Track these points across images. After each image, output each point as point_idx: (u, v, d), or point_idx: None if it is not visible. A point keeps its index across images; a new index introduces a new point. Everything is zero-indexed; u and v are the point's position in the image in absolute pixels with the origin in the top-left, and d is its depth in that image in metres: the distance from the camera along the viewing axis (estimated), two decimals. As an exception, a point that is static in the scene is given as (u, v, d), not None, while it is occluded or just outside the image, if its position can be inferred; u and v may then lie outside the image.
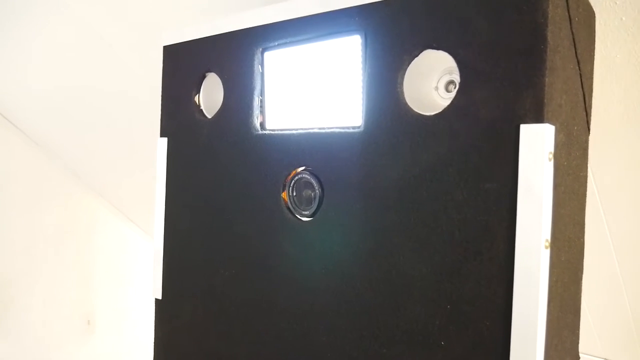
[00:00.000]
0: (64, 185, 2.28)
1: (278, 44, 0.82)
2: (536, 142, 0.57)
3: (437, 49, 0.66)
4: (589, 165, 0.76)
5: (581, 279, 0.75)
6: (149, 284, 0.97)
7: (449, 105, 0.64)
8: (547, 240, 0.58)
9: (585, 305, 1.35)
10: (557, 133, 0.60)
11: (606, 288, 1.30)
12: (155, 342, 1.00)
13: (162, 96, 1.00)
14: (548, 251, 0.58)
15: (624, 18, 0.79)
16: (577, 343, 0.75)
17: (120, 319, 2.55)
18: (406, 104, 0.68)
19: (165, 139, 0.99)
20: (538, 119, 0.58)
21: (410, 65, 0.69)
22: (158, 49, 1.00)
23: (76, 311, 2.37)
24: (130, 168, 2.03)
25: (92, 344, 2.44)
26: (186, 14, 1.29)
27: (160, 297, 0.99)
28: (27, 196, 2.17)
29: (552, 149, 0.58)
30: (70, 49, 1.55)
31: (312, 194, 0.77)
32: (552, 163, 0.58)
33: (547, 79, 0.57)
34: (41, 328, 2.24)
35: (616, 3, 0.78)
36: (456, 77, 0.70)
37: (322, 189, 0.76)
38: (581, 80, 0.69)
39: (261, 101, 0.85)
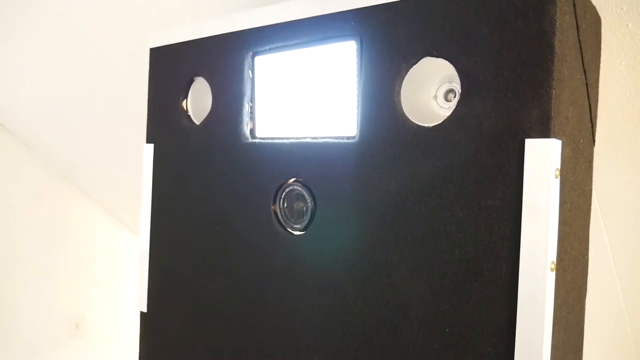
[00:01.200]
0: (55, 189, 2.24)
1: (269, 49, 0.78)
2: (542, 158, 0.54)
3: (437, 56, 0.62)
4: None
5: (585, 297, 0.72)
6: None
7: (449, 117, 0.61)
8: (553, 262, 0.55)
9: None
10: (564, 147, 0.57)
11: (605, 303, 1.28)
12: (139, 358, 0.96)
13: (149, 101, 0.96)
14: (554, 273, 0.55)
15: (630, 24, 0.76)
16: (581, 364, 0.71)
17: (109, 323, 2.50)
18: (403, 114, 0.65)
19: (151, 146, 0.94)
20: (544, 133, 0.54)
21: (408, 73, 0.65)
22: (147, 52, 0.96)
23: (65, 314, 2.33)
24: (122, 171, 1.99)
25: (81, 347, 2.39)
26: (177, 16, 1.25)
27: (145, 310, 0.95)
28: (17, 199, 2.13)
29: (558, 165, 0.55)
30: (60, 52, 1.51)
31: (304, 207, 0.73)
32: (558, 180, 0.55)
33: (554, 91, 0.54)
34: (29, 332, 2.20)
35: (622, 9, 0.75)
36: (456, 86, 0.67)
37: (315, 202, 0.72)
38: (587, 90, 0.66)
39: (251, 108, 0.81)
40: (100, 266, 2.45)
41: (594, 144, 0.71)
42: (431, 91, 0.70)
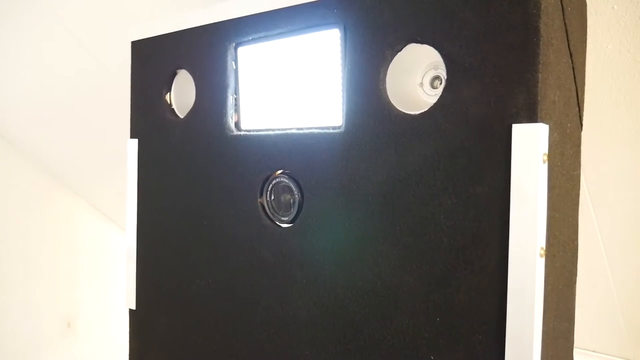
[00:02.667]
0: (42, 187, 2.21)
1: (252, 39, 0.77)
2: (530, 143, 0.53)
3: (422, 42, 0.61)
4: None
5: (575, 282, 0.71)
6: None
7: (435, 104, 0.60)
8: (542, 248, 0.54)
9: (574, 298, 1.33)
10: (551, 132, 0.56)
11: (594, 280, 1.28)
12: (130, 355, 0.95)
13: (132, 95, 0.94)
14: (543, 259, 0.55)
15: (615, 7, 0.75)
16: (572, 350, 0.71)
17: (102, 322, 2.49)
18: (389, 102, 0.64)
19: (135, 141, 0.93)
20: (531, 117, 0.53)
21: (393, 60, 0.64)
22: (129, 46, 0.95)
23: (56, 313, 2.31)
24: (110, 167, 1.96)
25: (73, 347, 2.37)
26: (159, 8, 1.22)
27: (134, 308, 0.94)
28: (4, 198, 2.10)
29: (546, 150, 0.54)
30: (43, 49, 1.49)
31: (291, 199, 0.72)
32: (546, 165, 0.54)
33: (540, 75, 0.53)
34: (20, 331, 2.18)
35: (608, -9, 0.74)
36: (442, 73, 0.66)
37: (302, 194, 0.71)
38: (574, 73, 0.65)
39: (235, 100, 0.80)
40: (91, 264, 2.43)
41: (581, 128, 0.70)
42: (417, 78, 0.69)
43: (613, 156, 0.96)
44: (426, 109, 0.61)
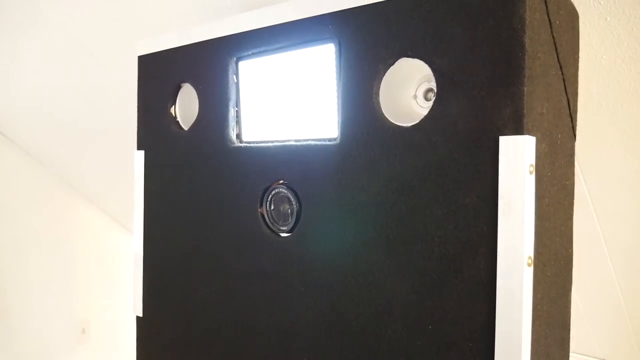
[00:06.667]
0: (57, 193, 2.26)
1: (252, 53, 0.79)
2: (516, 155, 0.55)
3: (413, 57, 0.63)
4: (579, 169, 0.73)
5: (570, 291, 0.72)
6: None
7: (425, 116, 0.62)
8: (530, 257, 0.55)
9: (581, 306, 1.33)
10: (539, 143, 0.57)
11: (602, 289, 1.28)
12: (137, 361, 0.97)
13: (138, 107, 0.97)
14: (531, 269, 0.56)
15: (608, 18, 0.76)
16: (568, 357, 0.72)
17: (116, 328, 2.52)
18: (382, 114, 0.66)
19: (142, 152, 0.96)
20: (517, 130, 0.55)
21: (386, 74, 0.66)
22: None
23: (71, 320, 2.35)
24: (123, 176, 2.00)
25: (87, 353, 2.41)
26: (167, 23, 1.26)
27: (140, 315, 0.96)
28: (19, 205, 2.14)
29: (533, 161, 0.56)
30: (55, 59, 1.53)
31: (290, 209, 0.74)
32: (533, 176, 0.56)
33: (526, 88, 0.55)
34: (36, 337, 2.22)
35: (600, 3, 0.75)
36: (435, 85, 0.67)
37: (300, 204, 0.73)
38: (564, 85, 0.66)
39: (237, 112, 0.82)
40: (105, 271, 2.47)
41: (574, 139, 0.71)
42: (411, 91, 0.70)
43: (612, 164, 0.97)
44: (417, 121, 0.62)
